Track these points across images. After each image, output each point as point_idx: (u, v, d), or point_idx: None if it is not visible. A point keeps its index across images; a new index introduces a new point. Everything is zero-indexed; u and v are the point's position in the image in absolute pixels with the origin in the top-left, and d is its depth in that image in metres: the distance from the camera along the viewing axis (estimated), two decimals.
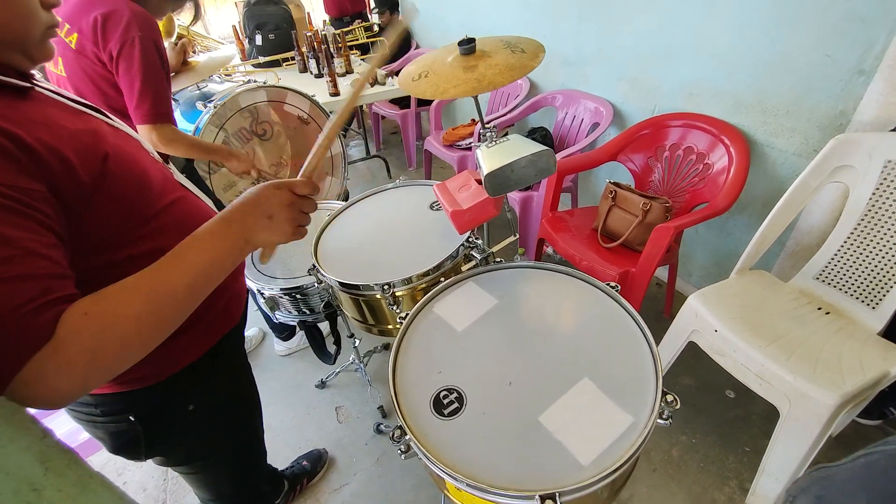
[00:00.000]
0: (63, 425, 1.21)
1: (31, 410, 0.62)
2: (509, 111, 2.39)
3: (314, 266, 0.98)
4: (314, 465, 1.45)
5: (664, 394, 0.59)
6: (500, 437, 0.60)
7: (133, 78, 1.11)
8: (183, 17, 1.32)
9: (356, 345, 1.63)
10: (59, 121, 0.52)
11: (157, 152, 0.76)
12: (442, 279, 0.88)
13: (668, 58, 1.70)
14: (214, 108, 1.47)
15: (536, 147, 0.69)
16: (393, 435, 0.62)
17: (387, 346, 1.87)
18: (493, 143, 0.75)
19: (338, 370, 1.75)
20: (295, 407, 1.69)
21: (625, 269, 1.51)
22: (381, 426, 1.55)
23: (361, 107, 3.09)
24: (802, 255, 1.46)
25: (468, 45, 1.08)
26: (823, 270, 1.31)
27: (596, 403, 0.62)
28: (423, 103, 3.06)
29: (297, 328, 1.77)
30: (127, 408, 0.67)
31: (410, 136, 3.12)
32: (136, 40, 1.09)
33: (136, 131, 0.88)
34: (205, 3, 1.30)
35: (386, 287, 0.86)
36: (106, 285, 0.54)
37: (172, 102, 1.24)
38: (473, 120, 2.62)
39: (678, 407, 0.58)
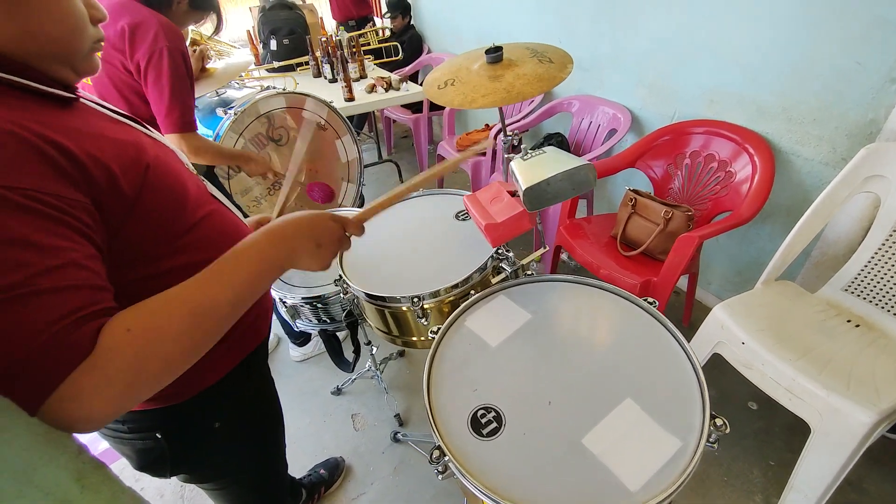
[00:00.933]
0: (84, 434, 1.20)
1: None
2: (524, 117, 2.38)
3: (340, 277, 0.97)
4: (331, 474, 1.44)
5: (713, 417, 0.58)
6: (543, 460, 0.59)
7: (162, 88, 1.12)
8: (205, 28, 1.32)
9: (373, 352, 1.63)
10: (103, 131, 0.52)
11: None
12: (471, 292, 0.87)
13: (687, 63, 1.68)
14: (235, 114, 1.47)
15: (575, 160, 0.68)
16: (432, 456, 0.61)
17: (402, 354, 1.86)
18: (529, 155, 0.74)
19: (354, 377, 1.74)
20: (311, 413, 1.68)
21: (646, 278, 1.49)
22: (399, 434, 1.54)
23: (373, 111, 3.09)
24: (828, 266, 1.44)
25: (496, 54, 1.07)
26: (853, 282, 1.28)
27: (640, 426, 0.60)
28: (435, 108, 3.06)
29: (316, 336, 1.77)
30: (154, 425, 0.66)
31: (422, 140, 3.12)
32: (165, 51, 1.10)
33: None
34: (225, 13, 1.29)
35: (415, 300, 0.85)
36: (141, 299, 0.54)
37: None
38: (487, 125, 2.61)
39: (728, 431, 0.56)
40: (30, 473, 0.49)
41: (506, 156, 0.76)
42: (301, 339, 1.83)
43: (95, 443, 1.31)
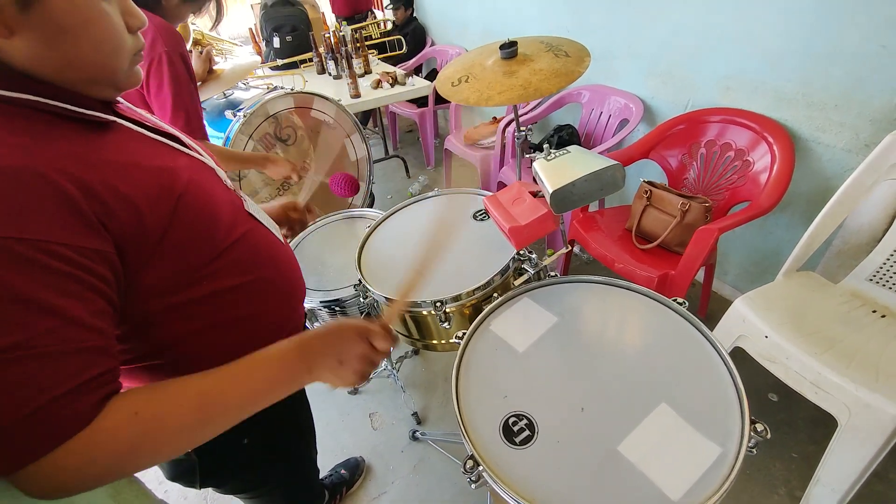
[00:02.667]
0: None
1: None
2: (532, 108, 2.34)
3: (360, 281, 0.97)
4: (352, 474, 1.45)
5: (753, 422, 0.57)
6: (580, 469, 0.58)
7: (164, 97, 1.09)
8: (200, 22, 1.28)
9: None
10: (137, 159, 0.50)
11: None
12: (494, 294, 0.86)
13: (703, 51, 1.64)
14: (244, 116, 1.46)
15: (603, 161, 0.66)
16: (465, 466, 0.60)
17: (417, 352, 1.85)
18: (553, 155, 0.72)
19: (370, 376, 1.74)
20: (328, 412, 1.69)
21: (664, 271, 1.47)
22: (417, 433, 1.55)
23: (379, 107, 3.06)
24: (851, 255, 1.41)
25: (510, 49, 1.05)
26: (878, 271, 1.26)
27: (677, 432, 0.59)
28: (441, 101, 3.02)
29: None
30: None
31: (428, 134, 3.09)
32: (164, 56, 1.07)
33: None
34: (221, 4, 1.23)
35: (438, 304, 0.84)
36: (168, 326, 0.53)
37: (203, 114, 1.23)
38: (495, 118, 2.58)
39: (769, 437, 0.55)
40: None
41: (527, 155, 0.74)
42: None
43: None
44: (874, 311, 1.22)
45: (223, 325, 0.60)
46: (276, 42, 2.72)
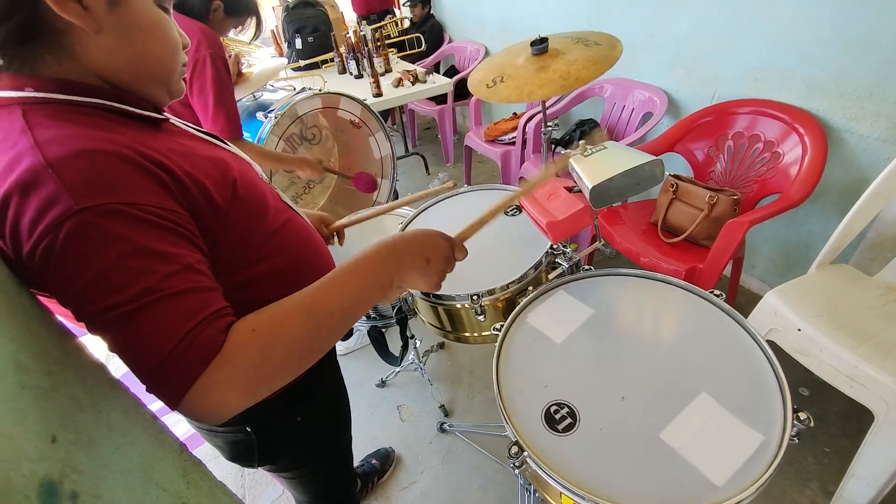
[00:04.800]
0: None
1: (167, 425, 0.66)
2: (553, 103, 2.34)
3: None
4: (383, 464, 1.49)
5: (795, 411, 0.58)
6: (622, 455, 0.60)
7: (207, 96, 1.15)
8: (244, 34, 1.34)
9: (416, 345, 1.66)
10: (194, 150, 0.55)
11: None
12: (528, 288, 0.88)
13: (729, 41, 1.62)
14: (276, 118, 1.50)
15: (641, 156, 0.68)
16: (510, 451, 0.62)
17: (442, 346, 1.89)
18: (589, 151, 0.73)
19: (397, 370, 1.78)
20: (358, 405, 1.74)
21: (691, 265, 1.47)
22: (445, 425, 1.58)
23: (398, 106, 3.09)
24: (886, 247, 1.38)
25: (541, 45, 1.06)
26: None
27: (719, 420, 0.60)
28: (460, 98, 3.03)
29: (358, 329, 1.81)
30: (245, 419, 0.70)
31: (448, 131, 3.11)
32: (207, 58, 1.13)
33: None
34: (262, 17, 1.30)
35: (475, 298, 0.87)
36: (238, 305, 0.57)
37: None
38: (515, 114, 2.58)
39: (812, 425, 0.56)
40: (150, 472, 0.54)
41: (563, 151, 0.76)
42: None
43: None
44: None
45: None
46: (298, 43, 2.77)
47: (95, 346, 0.53)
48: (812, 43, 1.39)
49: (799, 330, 1.17)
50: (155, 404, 0.59)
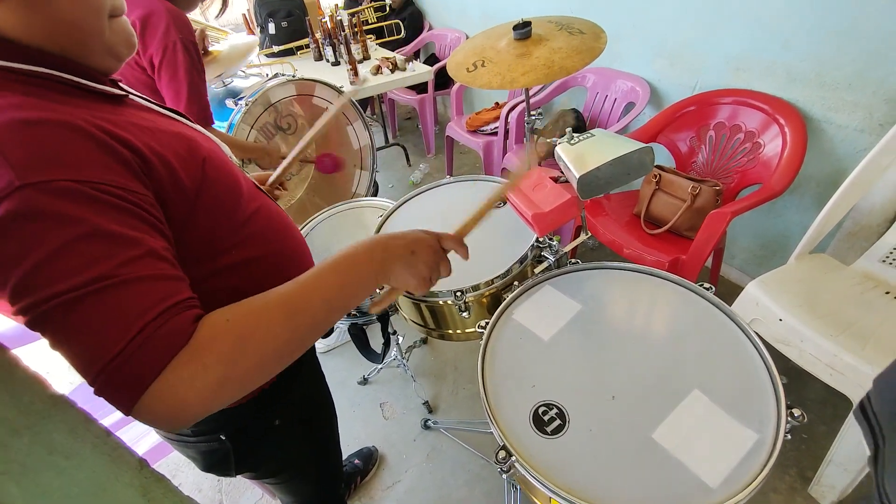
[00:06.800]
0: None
1: (124, 439, 0.60)
2: (535, 93, 2.30)
3: None
4: (366, 463, 1.45)
5: (789, 407, 0.56)
6: (614, 457, 0.57)
7: (179, 83, 1.08)
8: (210, 11, 1.26)
9: (399, 341, 1.62)
10: (158, 125, 0.50)
11: None
12: (514, 283, 0.84)
13: (711, 30, 1.61)
14: (246, 105, 1.42)
15: (631, 143, 0.65)
16: (497, 456, 0.59)
17: (425, 341, 1.85)
18: (576, 139, 0.70)
19: (379, 366, 1.74)
20: (339, 404, 1.64)
21: (674, 256, 1.46)
22: (429, 422, 1.55)
23: (377, 94, 3.01)
24: (862, 236, 1.41)
25: (524, 30, 1.01)
26: (892, 253, 1.25)
27: (712, 418, 0.58)
28: (441, 87, 2.97)
29: (338, 326, 1.75)
30: (218, 427, 0.66)
31: (428, 121, 3.04)
32: (178, 44, 1.05)
33: None
34: None
35: (458, 294, 0.83)
36: (207, 297, 0.52)
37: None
38: (497, 104, 2.54)
39: (805, 421, 0.55)
40: (102, 495, 0.48)
41: (553, 140, 0.72)
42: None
43: (139, 441, 1.32)
44: (887, 293, 1.22)
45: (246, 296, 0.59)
46: (272, 28, 2.65)
47: (33, 357, 0.48)
48: (793, 31, 1.39)
49: (780, 320, 1.17)
50: (110, 417, 0.53)
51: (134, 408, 0.38)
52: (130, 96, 0.53)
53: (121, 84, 0.54)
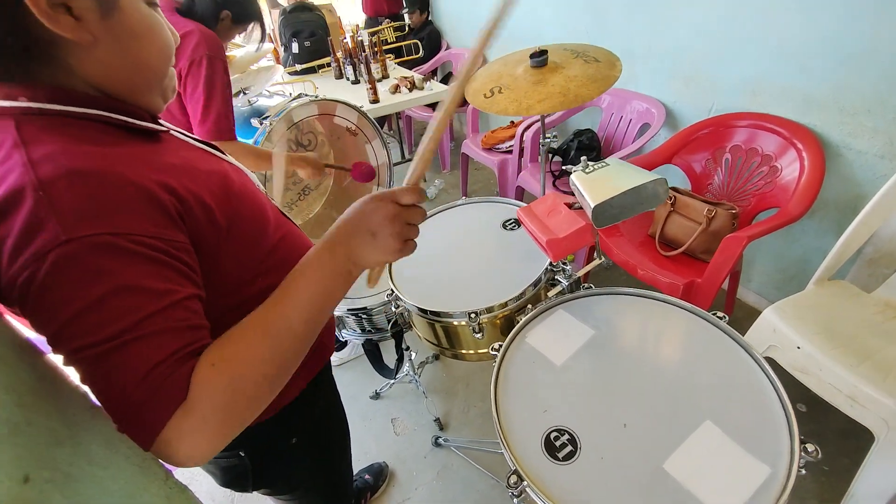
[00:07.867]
0: None
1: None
2: (549, 113, 2.33)
3: (392, 291, 0.97)
4: (376, 479, 1.46)
5: (803, 442, 0.56)
6: (625, 486, 0.58)
7: (199, 95, 1.13)
8: (247, 39, 1.33)
9: (411, 357, 1.63)
10: (194, 163, 0.53)
11: None
12: (528, 306, 0.86)
13: (728, 53, 1.62)
14: (270, 125, 1.48)
15: (645, 174, 0.66)
16: (508, 480, 0.60)
17: (437, 357, 1.86)
18: (591, 168, 0.72)
19: (392, 381, 1.75)
20: (351, 418, 1.66)
21: (689, 279, 1.45)
22: (440, 439, 1.55)
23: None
24: (883, 264, 1.38)
25: (541, 58, 1.05)
26: None
27: (724, 450, 0.59)
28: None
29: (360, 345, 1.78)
30: (238, 444, 0.68)
31: (444, 138, 3.10)
32: (204, 59, 1.11)
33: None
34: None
35: (472, 315, 0.85)
36: (223, 329, 0.54)
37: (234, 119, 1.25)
38: (513, 122, 2.57)
39: (820, 457, 0.54)
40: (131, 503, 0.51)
41: (566, 167, 0.74)
42: (338, 344, 1.85)
43: None
44: None
45: None
46: (295, 47, 2.75)
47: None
48: (810, 56, 1.39)
49: (798, 348, 1.16)
50: None
51: (150, 450, 0.41)
52: (169, 131, 0.56)
53: (160, 119, 0.57)
